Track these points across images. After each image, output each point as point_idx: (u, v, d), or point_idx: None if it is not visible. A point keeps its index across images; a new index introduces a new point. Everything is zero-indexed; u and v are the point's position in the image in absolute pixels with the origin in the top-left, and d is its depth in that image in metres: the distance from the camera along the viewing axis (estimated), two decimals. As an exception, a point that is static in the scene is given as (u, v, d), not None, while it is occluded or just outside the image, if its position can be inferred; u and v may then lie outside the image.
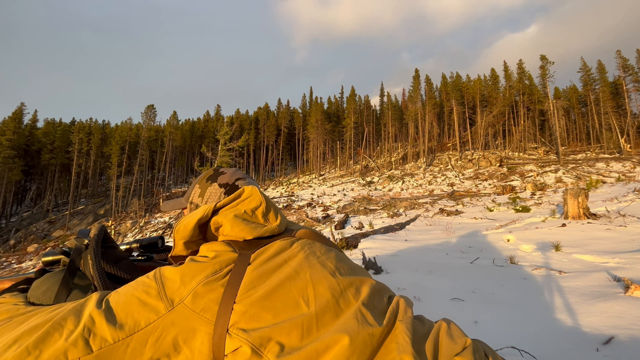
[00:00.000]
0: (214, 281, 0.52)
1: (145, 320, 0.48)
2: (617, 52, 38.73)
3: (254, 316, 0.49)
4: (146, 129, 44.21)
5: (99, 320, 0.47)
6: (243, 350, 0.46)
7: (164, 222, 25.84)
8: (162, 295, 0.50)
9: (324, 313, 0.51)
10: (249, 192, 0.68)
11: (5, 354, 0.43)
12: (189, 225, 0.64)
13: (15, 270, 17.64)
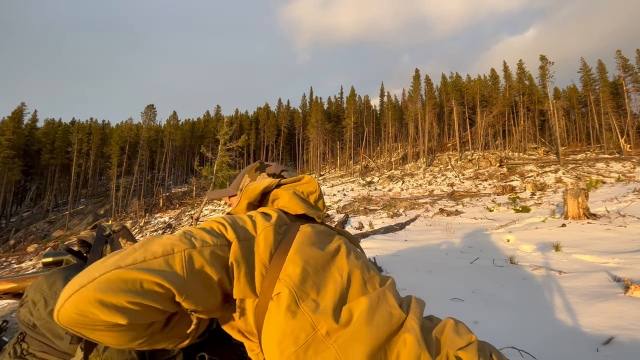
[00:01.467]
0: (275, 233, 0.62)
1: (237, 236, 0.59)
2: (617, 52, 38.74)
3: (300, 272, 0.57)
4: (146, 129, 44.20)
5: (198, 231, 0.58)
6: (284, 295, 0.55)
7: (164, 222, 25.82)
8: (236, 227, 0.61)
9: (353, 290, 0.59)
10: (308, 179, 0.81)
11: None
12: (257, 190, 0.77)
13: (15, 270, 17.65)
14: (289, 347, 0.52)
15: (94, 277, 0.45)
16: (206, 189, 34.30)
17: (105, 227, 0.82)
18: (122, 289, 0.45)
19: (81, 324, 0.46)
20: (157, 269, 0.48)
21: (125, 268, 0.47)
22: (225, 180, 15.14)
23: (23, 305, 0.71)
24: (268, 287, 0.56)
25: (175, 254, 0.51)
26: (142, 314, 0.48)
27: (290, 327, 0.53)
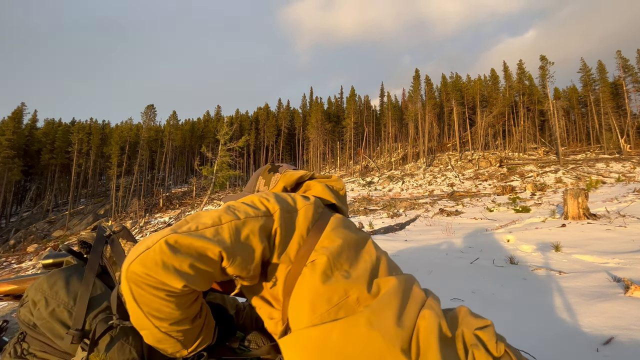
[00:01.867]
0: (314, 212, 0.71)
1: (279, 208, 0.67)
2: (617, 53, 38.74)
3: (337, 246, 0.66)
4: (146, 129, 44.20)
5: (241, 205, 0.66)
6: (321, 262, 0.63)
7: (164, 222, 25.82)
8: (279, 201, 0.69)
9: (381, 271, 0.68)
10: (337, 177, 0.92)
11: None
12: (294, 176, 0.88)
13: (15, 271, 17.65)
14: (322, 306, 0.58)
15: (157, 239, 0.53)
16: (206, 189, 34.34)
17: (106, 227, 0.82)
18: (180, 252, 0.53)
19: (144, 283, 0.53)
20: (208, 236, 0.56)
21: (181, 234, 0.55)
22: (226, 180, 15.14)
23: (23, 305, 0.71)
24: (303, 255, 0.64)
25: (223, 224, 0.59)
26: (195, 279, 0.55)
27: (324, 289, 0.59)
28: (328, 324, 0.56)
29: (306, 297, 0.60)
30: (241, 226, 0.60)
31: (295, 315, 0.60)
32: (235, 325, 0.93)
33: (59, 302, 0.69)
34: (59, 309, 0.69)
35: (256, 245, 0.61)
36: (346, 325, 0.55)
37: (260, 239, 0.61)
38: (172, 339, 0.62)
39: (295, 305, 0.60)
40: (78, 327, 0.67)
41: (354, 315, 0.57)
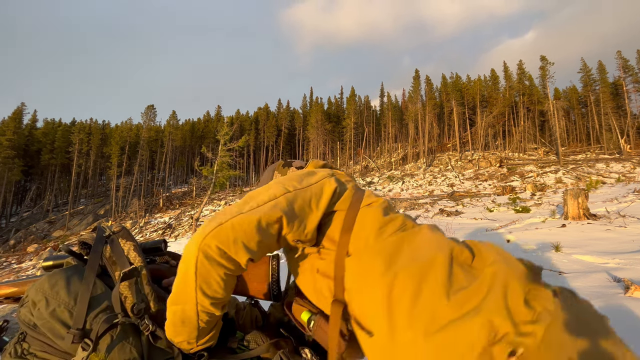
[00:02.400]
0: (356, 188, 0.80)
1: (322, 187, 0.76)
2: (617, 53, 38.76)
3: (380, 203, 0.77)
4: (146, 129, 44.22)
5: (290, 181, 0.75)
6: (377, 204, 0.75)
7: (164, 222, 25.81)
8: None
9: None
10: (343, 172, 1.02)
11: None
12: (319, 163, 0.97)
13: (15, 271, 17.65)
14: (389, 229, 0.69)
15: (228, 218, 0.62)
16: (206, 189, 34.30)
17: (105, 228, 0.83)
18: (248, 228, 0.61)
19: (213, 255, 0.60)
20: (269, 209, 0.65)
21: (246, 213, 0.63)
22: (226, 181, 15.14)
23: (24, 306, 0.71)
24: (357, 200, 0.75)
25: (278, 197, 0.68)
26: (257, 253, 0.65)
27: (386, 220, 0.71)
28: (399, 235, 0.68)
29: (374, 225, 0.69)
30: (293, 197, 0.69)
31: (359, 241, 0.68)
32: (235, 325, 0.93)
33: (59, 302, 0.69)
34: (60, 308, 0.69)
35: (310, 209, 0.70)
36: (412, 236, 0.68)
37: (316, 203, 0.71)
38: (196, 323, 0.66)
39: (359, 234, 0.69)
40: (79, 326, 0.67)
41: (415, 235, 0.68)
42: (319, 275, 0.70)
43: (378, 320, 0.58)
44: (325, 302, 0.69)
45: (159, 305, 0.77)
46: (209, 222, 0.63)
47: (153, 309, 0.76)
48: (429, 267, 0.58)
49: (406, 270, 0.59)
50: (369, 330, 0.60)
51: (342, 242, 0.69)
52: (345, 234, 0.70)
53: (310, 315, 0.73)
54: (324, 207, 0.72)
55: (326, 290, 0.69)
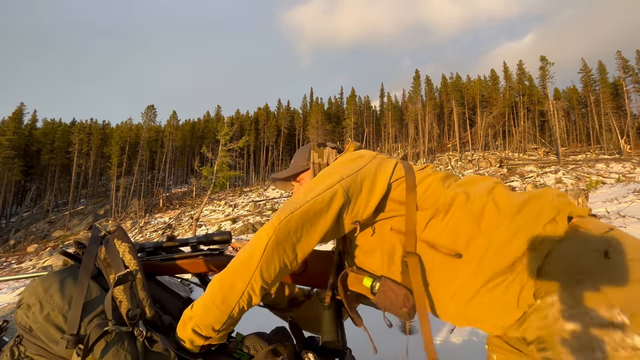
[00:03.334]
0: (400, 166, 0.86)
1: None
2: (617, 53, 38.75)
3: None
4: (146, 129, 44.21)
5: (344, 170, 0.83)
6: (436, 173, 0.86)
7: (164, 223, 25.80)
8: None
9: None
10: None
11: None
12: (356, 145, 1.03)
13: (15, 271, 17.64)
14: (450, 180, 0.82)
15: (297, 206, 0.71)
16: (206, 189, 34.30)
17: (100, 228, 0.81)
18: (314, 214, 0.71)
19: (286, 239, 0.69)
20: (329, 197, 0.73)
21: (310, 201, 0.72)
22: (226, 181, 15.13)
23: (20, 307, 0.71)
24: (409, 170, 0.84)
25: (335, 185, 0.74)
26: (327, 236, 0.75)
27: (442, 175, 0.83)
28: (460, 181, 0.82)
29: (432, 179, 0.80)
30: (348, 184, 0.75)
31: (428, 196, 0.77)
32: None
33: (53, 306, 0.69)
34: (54, 313, 0.68)
35: (364, 192, 0.76)
36: (470, 179, 0.82)
37: (371, 186, 0.77)
38: (234, 304, 0.71)
39: (426, 189, 0.78)
40: (73, 332, 0.66)
41: (472, 183, 0.80)
42: (391, 233, 0.77)
43: (468, 238, 0.68)
44: (393, 262, 0.77)
45: (154, 311, 0.76)
46: (283, 210, 0.72)
47: (148, 314, 0.75)
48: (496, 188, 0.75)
49: (484, 192, 0.73)
50: (458, 252, 0.68)
51: (409, 200, 0.77)
52: (411, 192, 0.78)
53: (372, 280, 0.77)
54: (383, 188, 0.78)
55: (398, 246, 0.76)
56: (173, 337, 0.76)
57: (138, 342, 0.71)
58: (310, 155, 1.05)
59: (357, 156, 0.86)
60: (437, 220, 0.73)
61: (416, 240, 0.74)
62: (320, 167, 1.01)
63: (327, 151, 1.03)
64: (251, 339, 0.86)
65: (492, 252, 0.65)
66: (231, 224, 14.82)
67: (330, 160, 1.00)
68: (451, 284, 0.69)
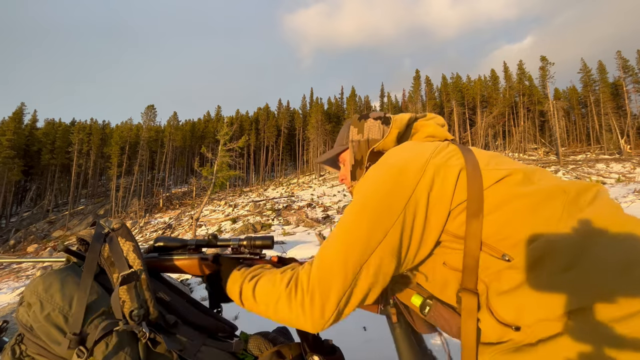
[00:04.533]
0: (462, 176, 0.67)
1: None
2: (617, 53, 38.74)
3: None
4: (146, 129, 44.21)
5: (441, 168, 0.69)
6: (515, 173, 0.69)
7: (164, 223, 25.81)
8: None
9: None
10: (434, 114, 0.89)
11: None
12: (404, 120, 0.86)
13: (15, 271, 17.63)
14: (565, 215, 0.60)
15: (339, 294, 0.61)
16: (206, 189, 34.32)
17: (104, 225, 0.79)
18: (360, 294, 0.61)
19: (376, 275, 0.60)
20: (367, 286, 0.61)
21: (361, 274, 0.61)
22: (226, 181, 15.12)
23: (22, 305, 0.70)
24: (475, 181, 0.63)
25: (371, 260, 0.61)
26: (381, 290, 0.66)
27: (526, 192, 0.63)
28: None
29: (517, 199, 0.58)
30: (393, 245, 0.60)
31: (505, 231, 0.57)
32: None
33: (54, 306, 0.68)
34: (54, 313, 0.67)
35: (420, 235, 0.61)
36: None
37: (421, 228, 0.61)
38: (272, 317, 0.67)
39: (501, 216, 0.57)
40: (76, 331, 0.65)
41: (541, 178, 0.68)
42: (444, 267, 0.63)
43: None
44: (446, 290, 0.65)
45: (157, 311, 0.75)
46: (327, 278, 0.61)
47: (152, 315, 0.74)
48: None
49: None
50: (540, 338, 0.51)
51: (471, 231, 0.58)
52: (473, 221, 0.58)
53: (422, 299, 0.69)
54: (439, 229, 0.61)
55: (453, 281, 0.63)
56: (177, 338, 0.75)
57: (141, 344, 0.70)
58: (350, 131, 0.91)
59: (396, 172, 0.64)
60: (514, 275, 0.53)
61: (477, 280, 0.59)
62: (360, 145, 0.87)
63: (368, 125, 0.88)
64: (256, 340, 0.85)
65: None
66: (231, 224, 14.82)
67: (371, 134, 0.86)
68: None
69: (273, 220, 13.94)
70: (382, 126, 0.86)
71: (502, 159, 0.71)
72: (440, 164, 0.63)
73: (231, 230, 12.42)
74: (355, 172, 0.88)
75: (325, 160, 0.99)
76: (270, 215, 15.74)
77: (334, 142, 1.01)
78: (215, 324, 0.86)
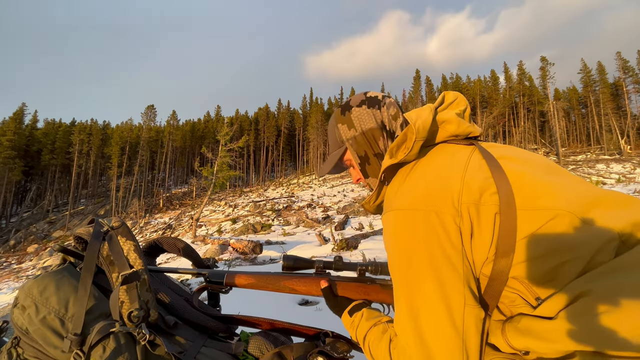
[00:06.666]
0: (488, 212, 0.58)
1: None
2: (617, 54, 38.75)
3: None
4: (146, 129, 44.22)
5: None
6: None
7: (164, 223, 25.81)
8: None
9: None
10: (455, 95, 0.70)
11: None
12: (427, 123, 0.63)
13: (15, 271, 17.63)
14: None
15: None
16: (206, 189, 34.32)
17: (103, 223, 0.77)
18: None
19: None
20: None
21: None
22: (226, 181, 15.13)
23: (16, 307, 0.69)
24: (509, 224, 0.55)
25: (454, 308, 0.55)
26: None
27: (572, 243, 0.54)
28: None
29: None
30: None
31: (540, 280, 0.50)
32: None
33: (49, 309, 0.66)
34: (50, 316, 0.66)
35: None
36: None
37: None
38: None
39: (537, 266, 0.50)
40: (77, 331, 0.64)
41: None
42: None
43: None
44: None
45: (157, 313, 0.74)
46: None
47: (152, 316, 0.72)
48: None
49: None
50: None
51: (496, 273, 0.52)
52: (502, 260, 0.52)
53: None
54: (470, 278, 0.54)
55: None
56: (176, 340, 0.74)
57: (139, 346, 0.68)
58: (339, 130, 0.80)
59: (427, 216, 0.55)
60: (538, 324, 0.49)
61: (496, 305, 0.56)
62: (357, 140, 0.77)
63: (354, 116, 0.77)
64: (256, 340, 0.84)
65: None
66: (231, 224, 14.82)
67: (364, 124, 0.76)
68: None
69: (273, 221, 13.93)
70: (371, 110, 0.76)
71: (544, 178, 0.56)
72: (472, 202, 0.54)
73: (231, 231, 12.41)
74: (366, 169, 0.79)
75: (329, 171, 0.88)
76: (270, 216, 15.73)
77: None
78: (216, 324, 0.85)
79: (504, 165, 0.57)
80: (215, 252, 6.38)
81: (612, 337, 0.40)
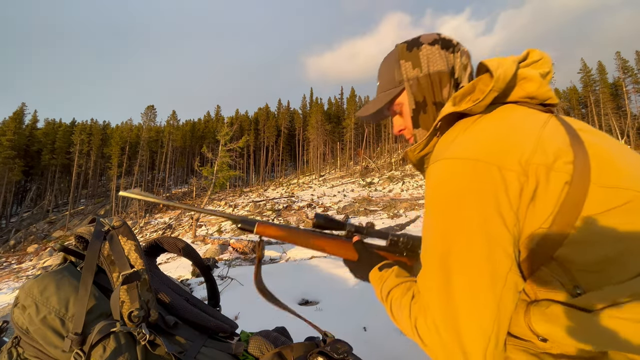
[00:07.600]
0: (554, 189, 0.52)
1: None
2: (616, 54, 38.78)
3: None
4: (146, 129, 44.24)
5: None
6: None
7: (164, 223, 25.82)
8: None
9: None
10: (541, 54, 0.61)
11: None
12: (508, 73, 0.54)
13: (15, 271, 17.64)
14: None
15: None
16: (206, 189, 34.38)
17: (104, 222, 0.77)
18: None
19: None
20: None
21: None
22: (226, 181, 15.13)
23: (16, 306, 0.69)
24: (572, 207, 0.50)
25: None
26: None
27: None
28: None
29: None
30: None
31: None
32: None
33: (50, 309, 0.66)
34: (50, 316, 0.66)
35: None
36: None
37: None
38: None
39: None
40: (78, 330, 0.64)
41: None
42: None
43: None
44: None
45: (158, 312, 0.74)
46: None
47: (152, 317, 0.72)
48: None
49: None
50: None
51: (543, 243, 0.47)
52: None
53: None
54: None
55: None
56: (176, 340, 0.74)
57: (139, 346, 0.68)
58: (400, 67, 0.69)
59: (488, 170, 0.47)
60: (571, 313, 0.45)
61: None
62: (420, 82, 0.67)
63: (424, 53, 0.67)
64: (256, 340, 0.84)
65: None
66: (231, 224, 14.83)
67: (433, 65, 0.66)
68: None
69: (273, 221, 13.94)
70: (444, 52, 0.66)
71: (623, 157, 0.50)
72: (543, 165, 0.47)
73: (231, 231, 12.41)
74: (418, 118, 0.70)
75: (372, 114, 0.76)
76: (270, 216, 15.73)
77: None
78: (216, 324, 0.85)
79: (583, 137, 0.50)
80: (215, 252, 6.37)
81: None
